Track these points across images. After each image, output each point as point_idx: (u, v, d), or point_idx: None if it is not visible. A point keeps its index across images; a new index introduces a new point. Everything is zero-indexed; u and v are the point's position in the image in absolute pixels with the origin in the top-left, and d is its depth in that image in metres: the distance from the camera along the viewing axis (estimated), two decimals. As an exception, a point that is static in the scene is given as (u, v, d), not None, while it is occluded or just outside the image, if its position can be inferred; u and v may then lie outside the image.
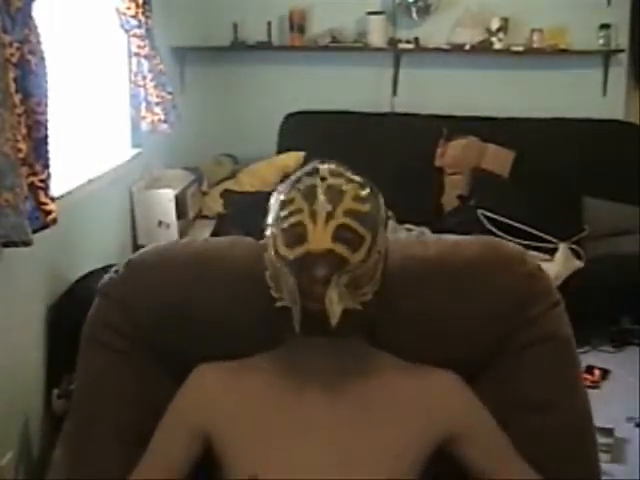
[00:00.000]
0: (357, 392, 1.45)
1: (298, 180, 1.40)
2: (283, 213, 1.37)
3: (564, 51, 4.72)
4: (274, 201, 1.42)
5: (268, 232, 1.41)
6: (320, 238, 1.32)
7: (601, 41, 4.70)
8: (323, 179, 1.38)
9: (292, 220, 1.35)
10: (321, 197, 1.35)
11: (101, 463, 1.53)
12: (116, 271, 1.64)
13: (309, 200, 1.35)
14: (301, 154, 4.65)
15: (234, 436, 1.44)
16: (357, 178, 1.41)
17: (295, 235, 1.34)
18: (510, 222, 4.23)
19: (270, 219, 1.41)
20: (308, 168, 1.42)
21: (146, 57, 3.61)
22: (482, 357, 1.56)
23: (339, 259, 1.32)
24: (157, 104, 3.68)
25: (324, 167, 1.40)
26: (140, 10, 3.47)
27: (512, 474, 1.45)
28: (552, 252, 4.09)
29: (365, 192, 1.39)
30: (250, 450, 1.42)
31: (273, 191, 1.46)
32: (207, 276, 1.57)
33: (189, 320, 1.55)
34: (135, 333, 1.57)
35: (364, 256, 1.35)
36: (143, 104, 3.69)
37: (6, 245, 2.05)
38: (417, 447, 1.43)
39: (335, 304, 1.32)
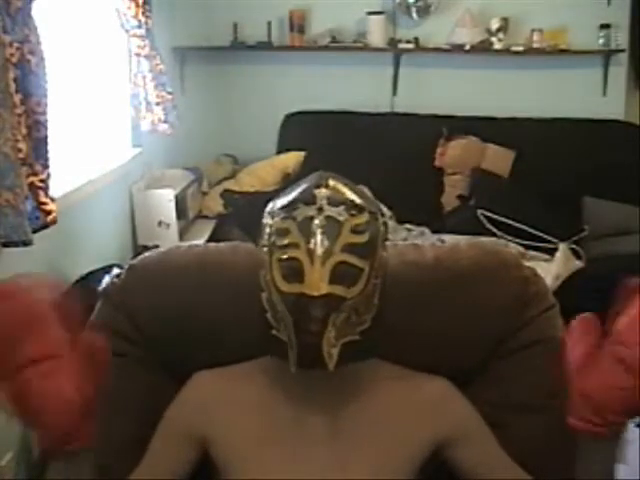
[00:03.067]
0: (354, 399, 1.45)
1: (295, 206, 1.34)
2: (279, 242, 1.34)
3: (564, 51, 4.71)
4: (269, 219, 1.38)
5: (263, 252, 1.39)
6: (317, 282, 1.29)
7: (601, 41, 4.69)
8: (320, 210, 1.33)
9: (288, 254, 1.32)
10: (318, 234, 1.30)
11: (101, 465, 1.53)
12: (117, 275, 1.64)
13: (306, 235, 1.31)
14: (301, 154, 4.65)
15: (231, 441, 1.44)
16: (356, 199, 1.36)
17: (291, 270, 1.31)
18: (510, 222, 4.23)
19: (265, 238, 1.38)
20: (305, 193, 1.35)
21: (146, 57, 3.60)
22: (477, 361, 1.57)
23: (336, 300, 1.30)
24: (157, 104, 3.68)
25: (322, 193, 1.34)
26: (140, 10, 3.47)
27: (505, 476, 1.45)
28: (552, 252, 4.09)
29: (364, 219, 1.35)
30: (247, 455, 1.43)
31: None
32: (207, 282, 1.57)
33: (189, 326, 1.56)
34: (136, 337, 1.58)
35: (362, 288, 1.34)
36: (143, 104, 3.68)
37: (6, 245, 2.05)
38: (413, 453, 1.44)
39: (332, 347, 1.30)
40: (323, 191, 1.35)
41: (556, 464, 1.52)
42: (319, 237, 1.30)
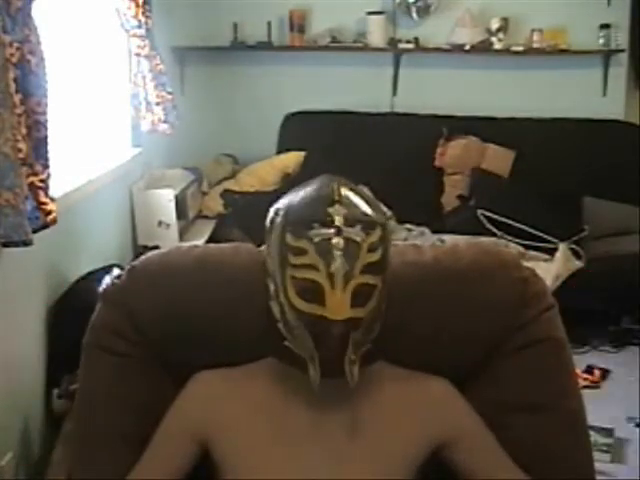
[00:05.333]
0: (354, 399, 1.45)
1: (310, 226, 1.32)
2: (294, 260, 1.33)
3: (564, 51, 4.71)
4: (278, 230, 1.36)
5: (272, 262, 1.38)
6: (339, 307, 1.30)
7: (601, 41, 4.70)
8: (338, 231, 1.31)
9: (305, 275, 1.32)
10: (338, 258, 1.30)
11: (102, 465, 1.54)
12: (118, 276, 1.64)
13: (325, 258, 1.30)
14: (301, 154, 4.65)
15: (232, 441, 1.44)
16: (369, 212, 1.35)
17: (310, 291, 1.31)
18: (510, 222, 4.23)
19: (274, 249, 1.37)
20: (320, 212, 1.32)
21: (146, 57, 3.60)
22: (477, 361, 1.57)
23: (356, 321, 1.32)
24: (157, 104, 3.68)
25: (337, 211, 1.32)
26: (140, 10, 3.47)
27: (503, 476, 1.45)
28: (552, 252, 4.09)
29: (377, 235, 1.34)
30: (248, 455, 1.43)
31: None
32: (208, 282, 1.57)
33: (190, 326, 1.55)
34: (137, 338, 1.57)
35: (376, 303, 1.35)
36: (143, 104, 3.68)
37: (6, 245, 2.05)
38: (412, 453, 1.44)
39: (353, 364, 1.33)
40: (338, 208, 1.33)
41: (566, 465, 1.52)
42: (339, 260, 1.30)
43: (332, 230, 1.31)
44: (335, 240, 1.30)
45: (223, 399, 1.48)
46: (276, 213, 1.40)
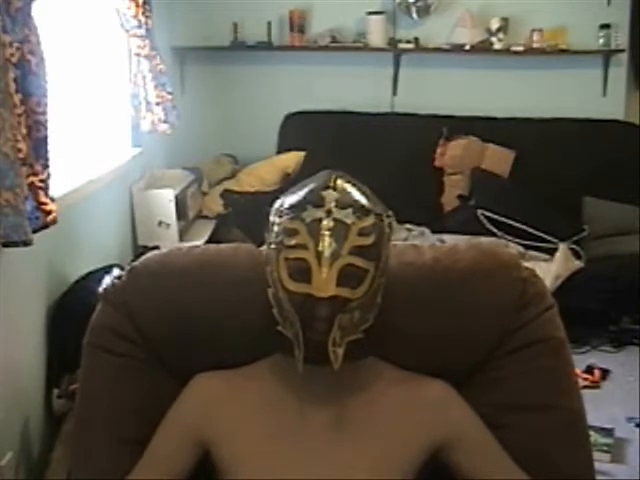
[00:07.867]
0: (356, 399, 1.46)
1: (303, 208, 1.36)
2: (287, 241, 1.36)
3: (564, 51, 4.71)
4: (277, 217, 1.39)
5: (270, 248, 1.40)
6: (324, 284, 1.32)
7: (601, 41, 4.70)
8: (329, 212, 1.35)
9: (296, 254, 1.35)
10: (326, 237, 1.33)
11: (102, 465, 1.54)
12: (118, 277, 1.64)
13: (314, 237, 1.33)
14: (301, 154, 4.66)
15: (232, 442, 1.44)
16: (363, 201, 1.38)
17: (298, 270, 1.34)
18: (510, 222, 4.24)
19: (272, 236, 1.40)
20: (314, 194, 1.37)
21: (146, 57, 3.61)
22: (477, 361, 1.57)
23: (342, 301, 1.34)
24: (157, 104, 3.68)
25: (330, 195, 1.36)
26: (140, 10, 3.47)
27: (504, 477, 1.45)
28: (552, 252, 4.09)
29: (370, 221, 1.37)
30: (248, 456, 1.43)
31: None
32: (209, 283, 1.57)
33: (190, 326, 1.56)
34: (137, 338, 1.57)
35: (367, 289, 1.36)
36: (143, 104, 3.68)
37: (6, 245, 2.05)
38: (411, 454, 1.44)
39: (338, 346, 1.34)
40: (331, 193, 1.37)
41: (566, 464, 1.52)
42: (327, 240, 1.33)
43: (323, 211, 1.35)
44: (325, 221, 1.34)
45: (223, 401, 1.48)
46: (277, 206, 1.43)
